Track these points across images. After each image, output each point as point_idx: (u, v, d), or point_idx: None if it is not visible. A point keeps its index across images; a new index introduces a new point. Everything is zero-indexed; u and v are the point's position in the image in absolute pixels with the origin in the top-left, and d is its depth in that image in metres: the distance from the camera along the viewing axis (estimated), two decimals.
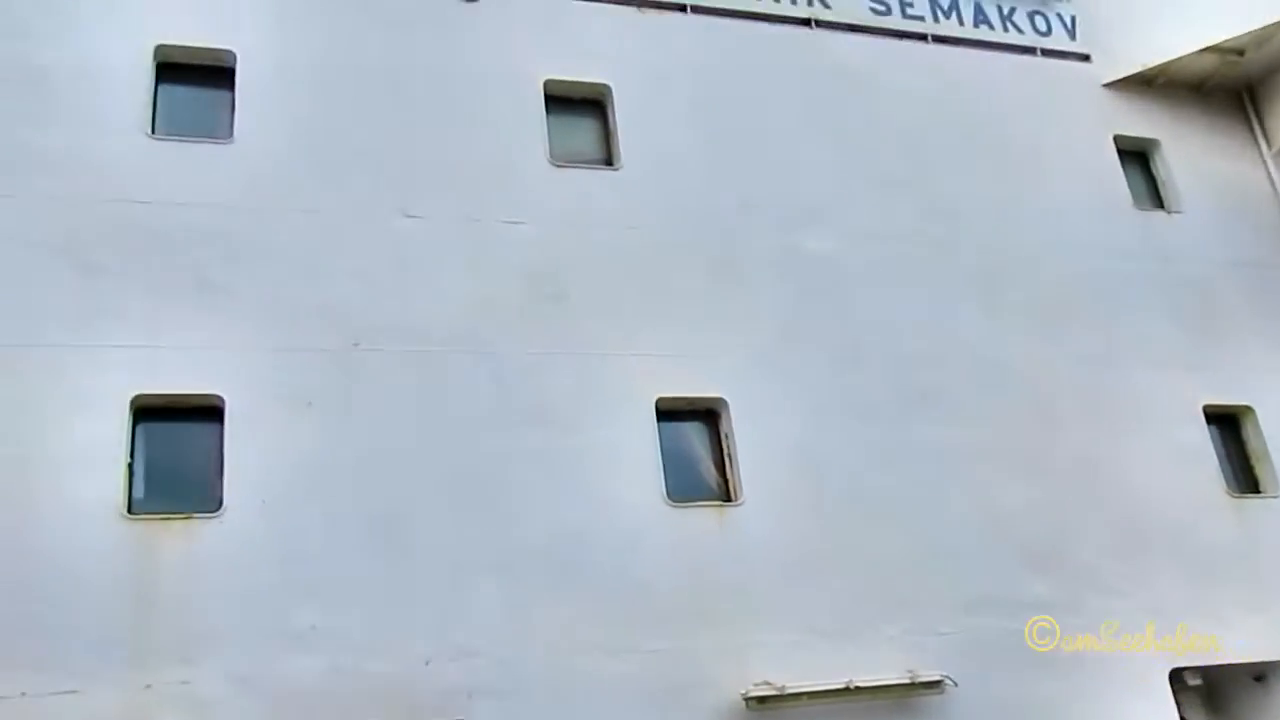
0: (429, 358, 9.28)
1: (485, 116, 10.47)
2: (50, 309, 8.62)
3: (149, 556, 8.05)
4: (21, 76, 9.33)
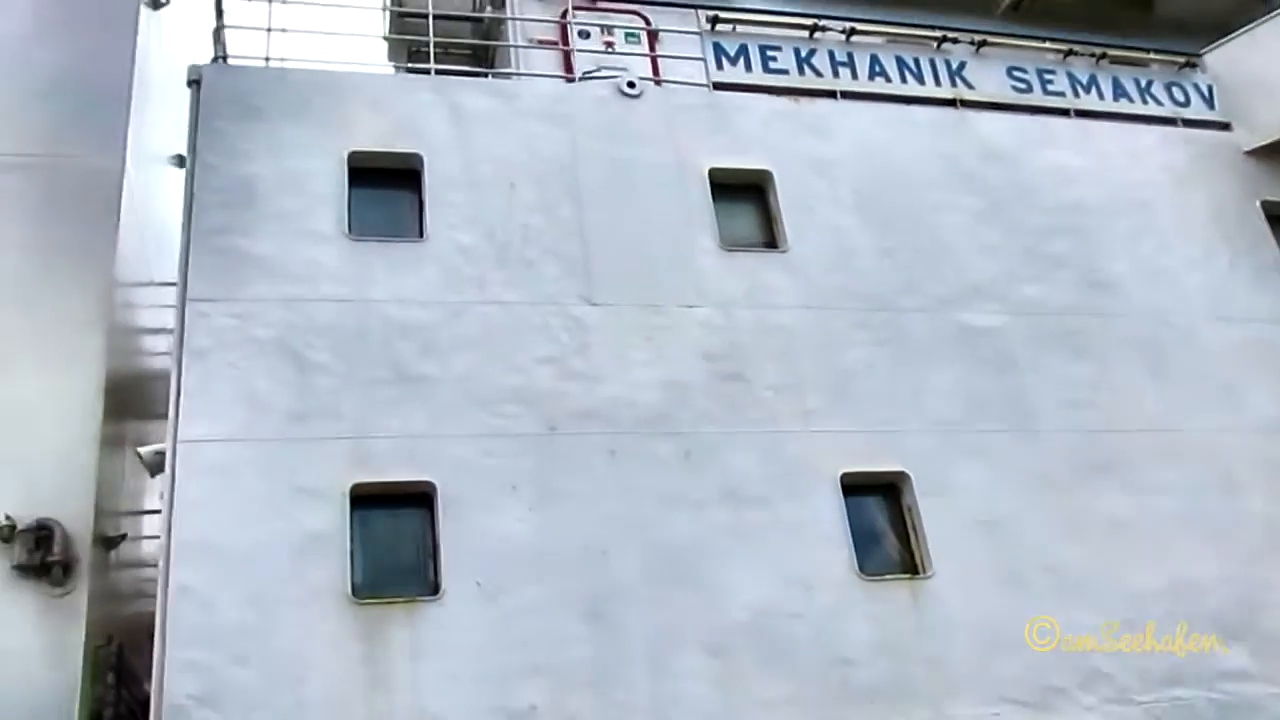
0: (621, 439, 9.53)
1: (656, 206, 10.85)
2: (271, 403, 9.03)
3: (377, 640, 8.33)
4: (233, 191, 9.89)
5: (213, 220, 9.76)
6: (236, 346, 9.23)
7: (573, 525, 9.08)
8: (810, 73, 12.49)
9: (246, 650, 8.09)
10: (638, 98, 11.49)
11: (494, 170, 10.64)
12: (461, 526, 8.85)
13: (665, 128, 11.35)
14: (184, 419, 8.84)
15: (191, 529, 8.45)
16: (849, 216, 11.33)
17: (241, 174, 10.04)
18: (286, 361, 9.25)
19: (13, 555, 9.16)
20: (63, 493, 9.59)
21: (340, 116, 10.59)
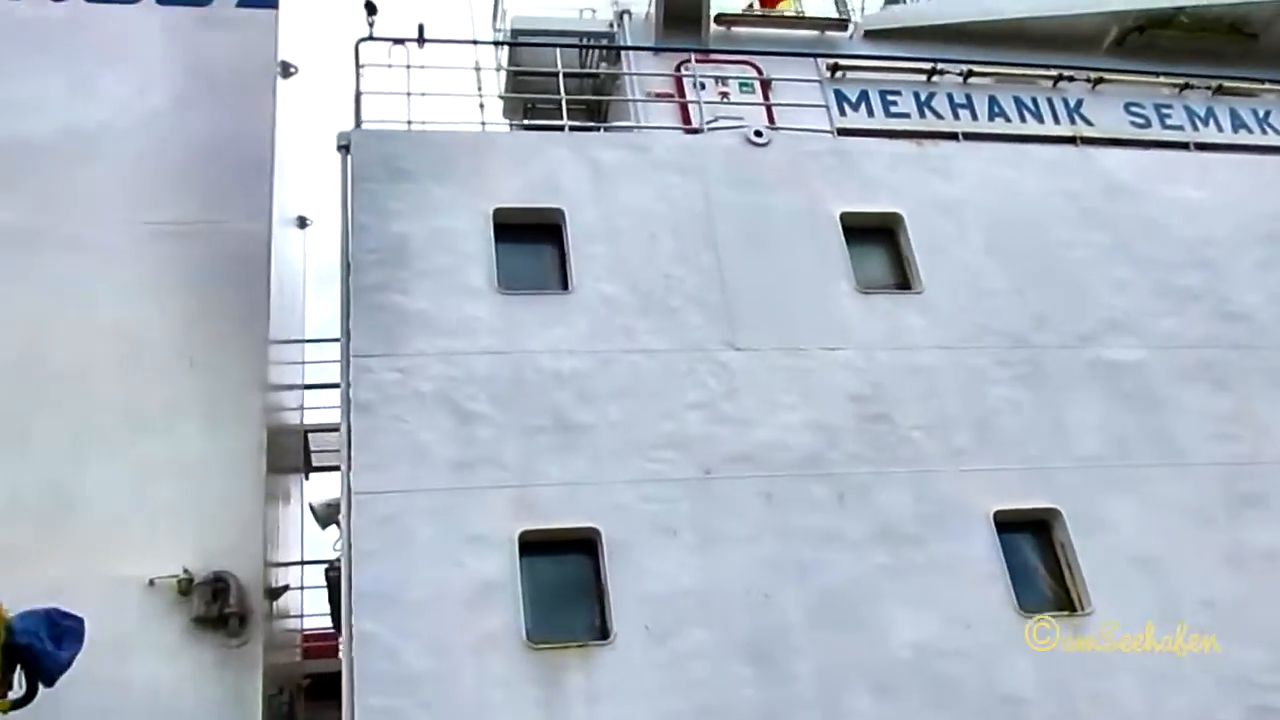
0: (776, 482, 9.66)
1: (791, 251, 11.03)
2: (437, 454, 9.29)
3: (553, 684, 8.48)
4: (387, 250, 10.23)
5: (371, 278, 10.09)
6: (400, 400, 9.51)
7: (734, 568, 9.20)
8: (931, 115, 12.64)
9: (431, 697, 8.30)
10: (765, 146, 11.72)
11: (632, 222, 10.89)
12: (627, 571, 9.00)
13: (794, 174, 11.55)
14: (355, 471, 9.10)
15: (370, 579, 8.68)
16: (980, 256, 11.42)
17: (394, 233, 10.38)
18: (448, 413, 9.51)
19: (191, 608, 9.48)
20: (234, 546, 9.95)
21: (484, 175, 10.93)
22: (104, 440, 10.32)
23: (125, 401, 10.50)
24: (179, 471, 10.20)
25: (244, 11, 13.34)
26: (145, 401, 10.53)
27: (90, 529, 9.89)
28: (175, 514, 10.00)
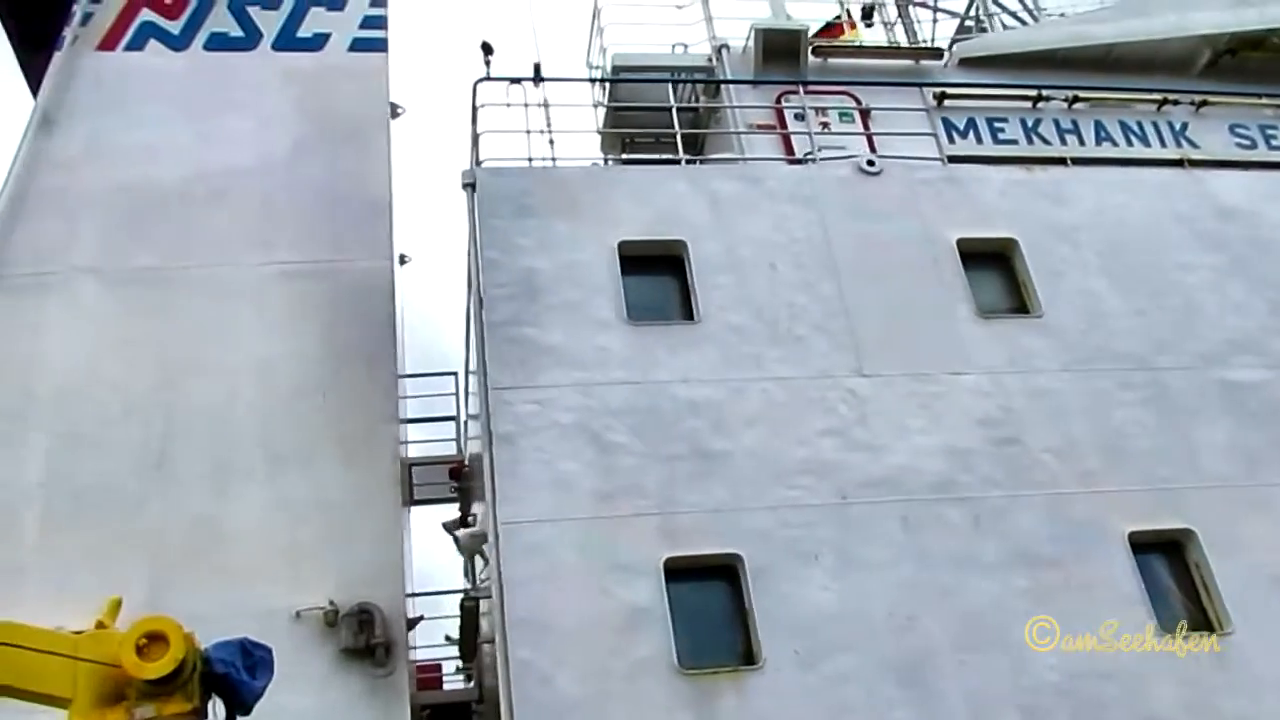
0: (912, 507, 9.73)
1: (910, 278, 11.14)
2: (579, 484, 9.46)
3: (706, 709, 8.58)
4: (517, 284, 10.46)
5: (503, 312, 10.31)
6: (540, 431, 9.69)
7: (876, 592, 9.27)
8: (1039, 141, 12.73)
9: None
10: (877, 175, 11.86)
11: (753, 252, 11.06)
12: (771, 596, 9.10)
13: (908, 202, 11.68)
14: (500, 502, 9.28)
15: (523, 607, 8.84)
16: (1097, 279, 11.48)
17: (522, 267, 10.61)
18: (587, 443, 9.68)
19: (339, 639, 9.65)
20: (375, 578, 10.17)
21: (606, 209, 11.15)
22: (245, 474, 10.59)
23: (263, 436, 10.78)
24: (318, 504, 10.43)
25: (356, 55, 13.72)
26: (282, 436, 10.79)
27: (235, 561, 10.13)
28: (316, 546, 10.23)
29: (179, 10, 13.82)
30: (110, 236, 11.90)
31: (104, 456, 10.52)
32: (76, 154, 12.47)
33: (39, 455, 10.44)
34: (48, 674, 6.83)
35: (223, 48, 13.62)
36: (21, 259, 11.57)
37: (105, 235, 11.90)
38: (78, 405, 10.76)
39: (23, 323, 11.24)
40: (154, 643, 6.71)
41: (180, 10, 13.82)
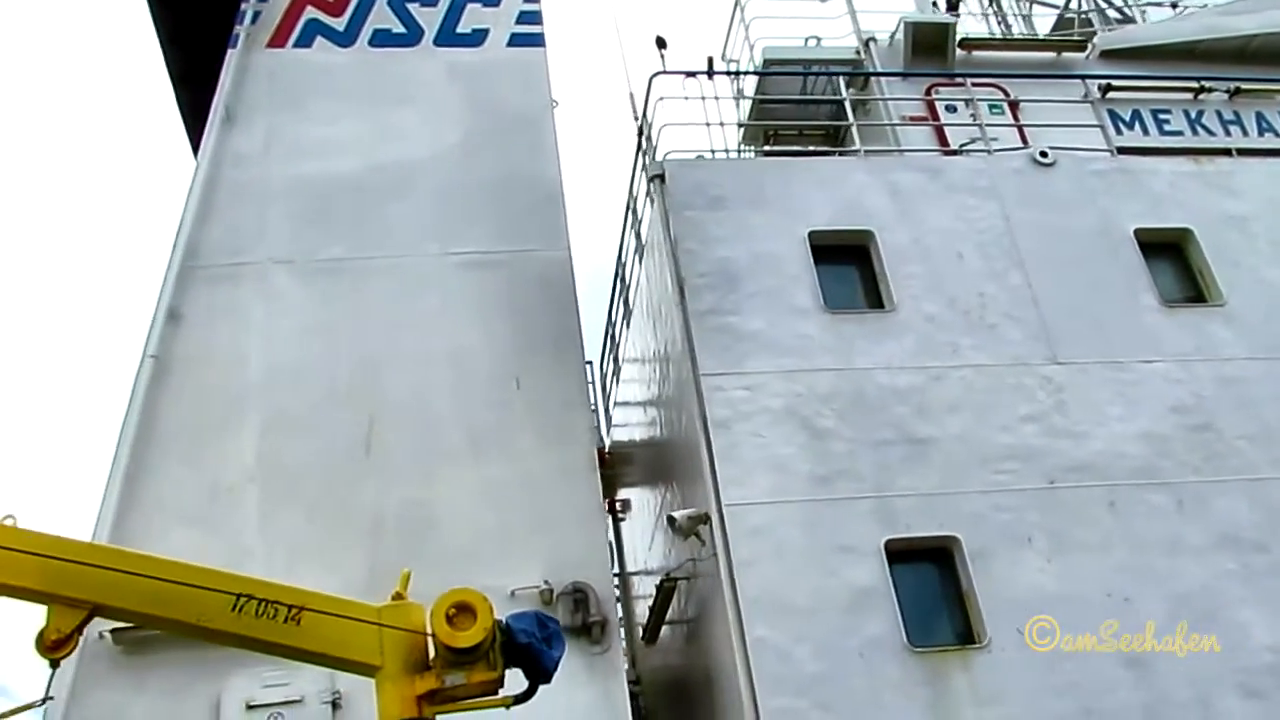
0: (1117, 491, 9.91)
1: (1092, 267, 11.31)
2: (795, 467, 9.69)
3: (940, 686, 8.80)
4: (716, 274, 10.70)
5: (705, 301, 10.56)
6: (753, 416, 9.93)
7: (1090, 574, 9.47)
8: (1203, 132, 12.87)
9: (827, 698, 8.66)
10: (1051, 166, 12.02)
11: (939, 241, 11.25)
12: (991, 578, 9.31)
13: (1083, 193, 11.85)
14: (722, 485, 9.53)
15: (754, 587, 9.08)
16: (1272, 269, 11.61)
17: (718, 257, 10.85)
18: (799, 428, 9.92)
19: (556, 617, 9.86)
20: (584, 558, 10.41)
21: (793, 199, 11.38)
22: (449, 459, 10.83)
23: (464, 422, 11.03)
24: (522, 487, 10.68)
25: (516, 50, 13.97)
26: (482, 422, 11.04)
27: (447, 542, 10.38)
28: (523, 528, 10.47)
29: (342, 8, 14.10)
30: (297, 228, 12.18)
31: (314, 441, 10.79)
32: (257, 148, 12.76)
33: (252, 439, 10.72)
34: (356, 642, 7.15)
35: (387, 44, 13.89)
36: (216, 250, 11.87)
37: (292, 227, 12.18)
38: (284, 392, 11.04)
39: (223, 312, 11.54)
40: (461, 613, 6.99)
41: (343, 8, 14.10)
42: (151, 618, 7.24)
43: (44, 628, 7.02)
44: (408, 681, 7.02)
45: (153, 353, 10.99)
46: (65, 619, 7.05)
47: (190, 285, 11.54)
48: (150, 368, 10.92)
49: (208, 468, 10.52)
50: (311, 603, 7.22)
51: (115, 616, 7.37)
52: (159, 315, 11.25)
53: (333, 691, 9.53)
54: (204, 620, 7.13)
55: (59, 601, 7.08)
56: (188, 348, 11.19)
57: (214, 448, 10.61)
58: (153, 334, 11.14)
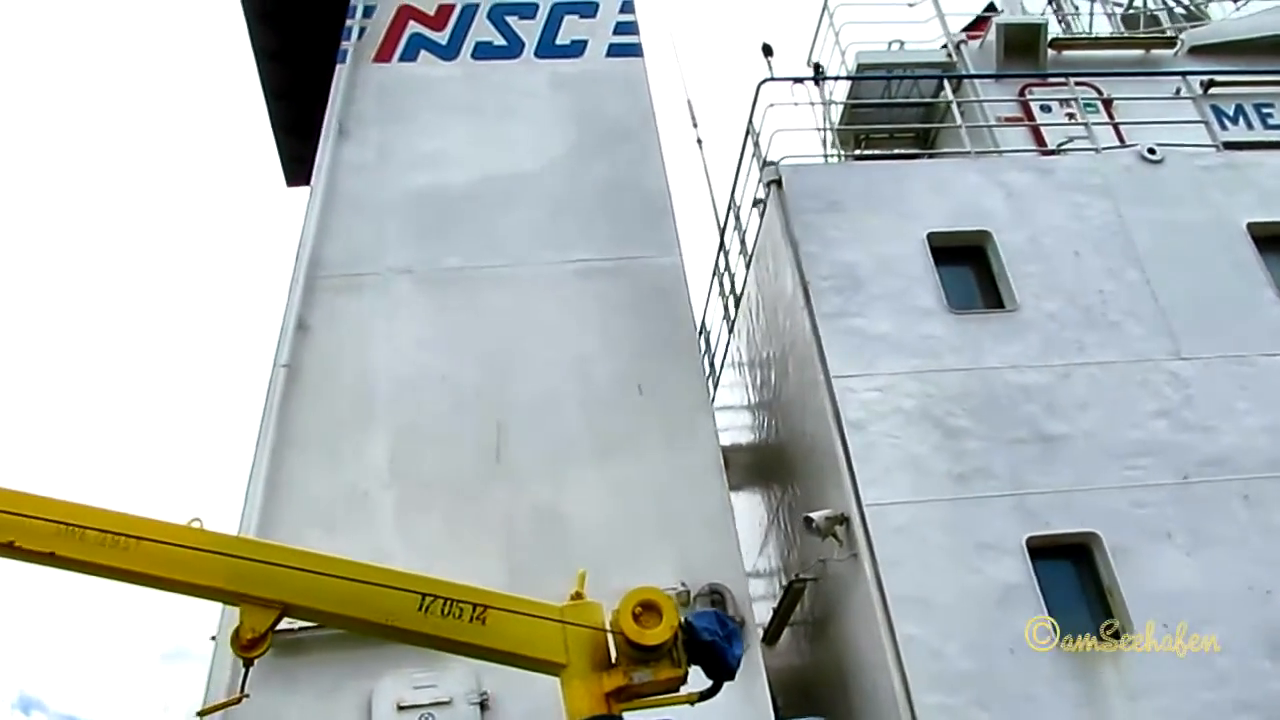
0: (1251, 485, 9.98)
1: (1208, 262, 11.38)
2: (931, 467, 9.81)
3: (1091, 681, 8.92)
4: (839, 276, 10.86)
5: (831, 304, 10.70)
6: (886, 417, 10.06)
7: (1230, 567, 9.54)
8: None
9: (981, 694, 8.75)
10: (1160, 163, 12.09)
11: (1055, 241, 11.35)
12: (1133, 573, 9.40)
13: (1194, 188, 11.91)
14: (862, 485, 9.65)
15: (900, 585, 9.20)
16: None
17: (841, 260, 11.00)
18: (932, 428, 10.04)
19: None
20: (715, 560, 10.51)
21: (909, 202, 11.50)
22: (578, 464, 10.96)
23: (590, 427, 11.17)
24: (650, 491, 10.80)
25: (615, 61, 14.13)
26: (608, 427, 11.17)
27: (581, 547, 10.47)
28: (654, 531, 10.58)
29: (443, 22, 14.30)
30: (414, 239, 12.35)
31: (444, 447, 10.94)
32: (371, 161, 12.96)
33: (384, 446, 10.91)
34: (540, 640, 7.32)
35: (490, 56, 14.07)
36: (338, 261, 12.06)
37: (409, 238, 12.36)
38: (412, 399, 11.22)
39: (347, 321, 11.72)
40: (647, 612, 7.14)
41: (445, 22, 14.31)
42: (340, 618, 7.44)
43: (238, 627, 7.23)
44: (595, 679, 7.17)
45: (284, 362, 11.17)
46: (258, 619, 7.26)
47: (315, 296, 11.73)
48: (283, 377, 11.11)
49: (344, 474, 10.70)
50: (495, 602, 7.41)
51: (304, 616, 7.56)
52: (288, 325, 11.45)
53: (480, 692, 9.68)
54: (392, 620, 7.31)
55: (249, 602, 7.30)
56: (316, 357, 11.38)
57: (349, 455, 10.78)
58: (283, 344, 11.33)
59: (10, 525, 7.33)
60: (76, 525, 7.45)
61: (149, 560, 7.41)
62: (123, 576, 7.64)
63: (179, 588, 7.52)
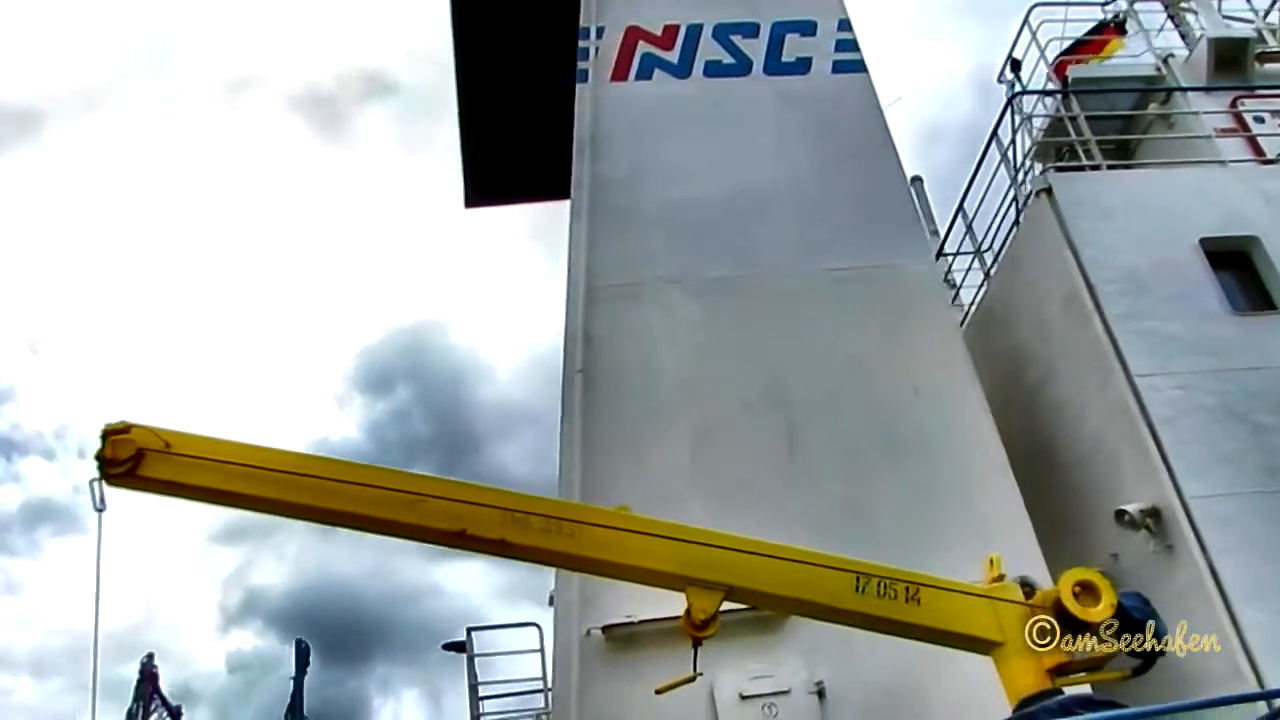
0: None
1: None
2: (1244, 461, 10.16)
3: None
4: (1122, 280, 11.27)
5: (1119, 307, 11.09)
6: (1191, 414, 10.41)
7: None
8: None
9: None
10: None
11: None
12: None
13: None
14: (1181, 478, 10.00)
15: (1234, 574, 9.53)
16: None
17: (1122, 264, 11.38)
18: (1238, 424, 10.39)
19: None
20: (1016, 556, 10.79)
21: (1177, 208, 11.88)
22: (869, 463, 11.34)
23: (876, 427, 11.55)
24: (945, 489, 11.16)
25: (840, 76, 14.57)
26: (892, 427, 11.55)
27: (883, 543, 10.75)
28: (957, 528, 10.90)
29: (670, 42, 14.77)
30: (677, 249, 12.78)
31: (738, 448, 11.33)
32: (623, 175, 13.40)
33: (684, 449, 11.29)
34: (975, 619, 7.71)
35: (720, 74, 14.53)
36: (609, 271, 12.49)
37: (673, 248, 12.78)
38: (702, 402, 11.61)
39: (627, 329, 12.14)
40: (1084, 592, 7.49)
41: (672, 42, 14.78)
42: (782, 599, 7.85)
43: (689, 609, 7.58)
44: (1035, 656, 7.53)
45: (579, 368, 11.58)
46: (706, 600, 7.66)
47: (596, 305, 12.15)
48: (579, 382, 11.51)
49: (651, 476, 11.07)
50: (925, 582, 7.78)
51: (746, 599, 7.96)
52: (576, 332, 11.88)
53: (816, 682, 10.01)
54: (834, 601, 7.70)
55: (696, 584, 7.69)
56: (605, 363, 11.80)
57: (653, 457, 11.16)
58: (574, 350, 11.76)
59: (462, 514, 7.78)
60: (521, 512, 7.88)
61: (597, 546, 7.85)
62: (571, 563, 8.10)
63: (627, 572, 7.96)
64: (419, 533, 7.83)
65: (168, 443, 7.71)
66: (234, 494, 7.78)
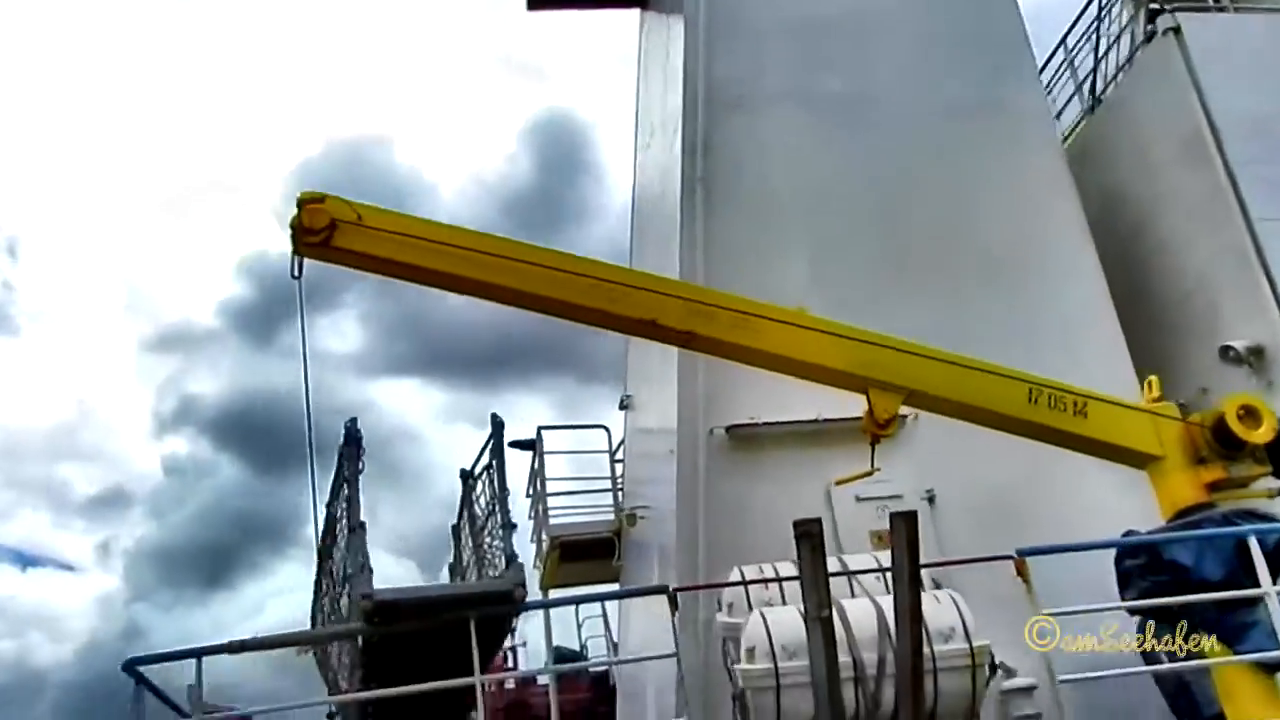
0: None
1: None
2: None
3: None
4: (1251, 126, 11.34)
5: (1243, 152, 11.34)
6: None
7: None
8: None
9: None
10: None
11: None
12: None
13: None
14: None
15: None
16: None
17: (1246, 110, 11.57)
18: None
19: None
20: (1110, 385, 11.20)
21: None
22: (976, 287, 11.57)
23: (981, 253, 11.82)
24: (1045, 314, 11.47)
25: None
26: (996, 254, 11.83)
27: None
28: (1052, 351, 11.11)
29: None
30: (792, 63, 12.77)
31: (855, 264, 11.55)
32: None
33: (804, 260, 11.50)
34: (1137, 434, 8.11)
35: None
36: (724, 82, 12.46)
37: (787, 62, 12.77)
38: (818, 216, 11.78)
39: (743, 139, 12.17)
40: (1247, 415, 7.90)
41: None
42: (962, 405, 8.17)
43: (870, 408, 7.89)
44: (1194, 471, 7.97)
45: (699, 175, 11.67)
46: (888, 402, 7.97)
47: (712, 115, 12.14)
48: (700, 190, 11.62)
49: (772, 285, 11.15)
50: (1091, 396, 8.15)
51: (923, 404, 8.28)
52: (695, 141, 11.91)
53: (926, 490, 10.48)
54: (1010, 409, 8.06)
55: (876, 385, 7.99)
56: (722, 172, 11.88)
57: (775, 267, 11.31)
58: (694, 158, 11.82)
59: (651, 304, 7.98)
60: (707, 304, 8.10)
61: (779, 341, 8.10)
62: (752, 357, 8.32)
63: (807, 370, 8.21)
64: (610, 320, 8.02)
65: (360, 215, 7.74)
66: (427, 269, 7.88)
